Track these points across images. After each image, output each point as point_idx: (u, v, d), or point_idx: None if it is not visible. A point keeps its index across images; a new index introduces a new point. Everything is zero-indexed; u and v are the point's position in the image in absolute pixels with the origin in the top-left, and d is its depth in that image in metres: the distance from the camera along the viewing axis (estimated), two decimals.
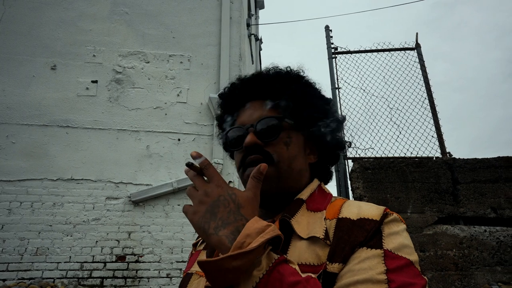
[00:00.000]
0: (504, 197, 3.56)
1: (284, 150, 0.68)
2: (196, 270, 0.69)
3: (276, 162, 0.67)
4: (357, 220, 0.60)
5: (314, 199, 0.69)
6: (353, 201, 0.68)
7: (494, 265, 3.30)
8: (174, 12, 4.67)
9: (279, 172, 0.67)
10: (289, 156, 0.69)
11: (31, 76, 4.07)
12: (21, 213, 3.52)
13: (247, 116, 0.71)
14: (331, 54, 4.49)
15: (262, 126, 0.68)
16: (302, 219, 0.64)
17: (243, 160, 0.68)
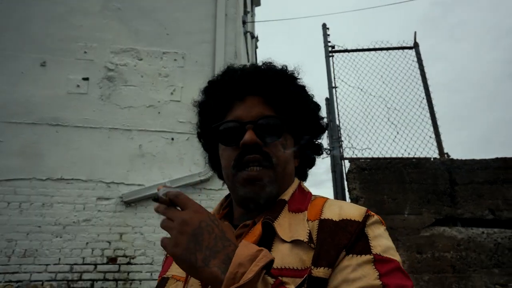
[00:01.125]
0: (502, 198, 3.52)
1: (281, 152, 0.66)
2: (173, 274, 0.67)
3: (274, 165, 0.65)
4: (339, 221, 0.59)
5: (295, 199, 0.67)
6: (334, 200, 0.67)
7: (491, 267, 3.26)
8: (168, 8, 4.58)
9: (276, 176, 0.65)
10: (285, 159, 0.67)
11: (20, 72, 3.96)
12: (9, 214, 3.42)
13: (246, 111, 0.67)
14: (328, 52, 4.42)
15: (264, 124, 0.65)
16: (284, 221, 0.62)
17: (239, 158, 0.64)
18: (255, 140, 0.63)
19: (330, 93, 4.26)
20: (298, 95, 0.71)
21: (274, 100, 0.68)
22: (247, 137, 0.63)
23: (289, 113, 0.68)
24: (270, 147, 0.65)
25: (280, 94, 0.68)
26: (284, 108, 0.68)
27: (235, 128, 0.66)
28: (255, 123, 0.65)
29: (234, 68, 0.74)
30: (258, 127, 0.65)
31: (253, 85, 0.68)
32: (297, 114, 0.70)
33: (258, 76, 0.69)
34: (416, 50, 4.40)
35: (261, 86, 0.68)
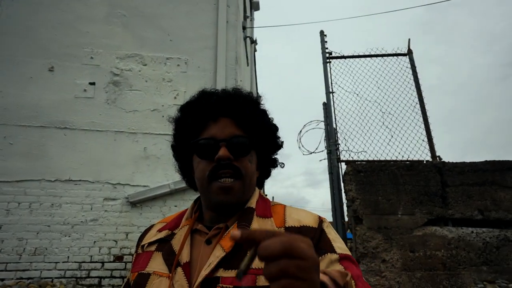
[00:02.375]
0: (491, 199, 3.70)
1: (249, 166, 0.77)
2: (154, 270, 0.73)
3: (243, 176, 0.75)
4: (300, 227, 0.73)
5: (259, 206, 0.78)
6: (291, 208, 0.80)
7: (480, 265, 3.44)
8: (171, 15, 4.73)
9: (244, 186, 0.75)
10: (251, 171, 0.78)
11: (29, 77, 4.10)
12: (19, 214, 3.56)
13: (219, 131, 0.76)
14: (325, 58, 4.60)
15: (235, 142, 0.75)
16: (255, 225, 0.73)
17: (214, 170, 0.74)
18: (228, 156, 0.74)
19: (328, 98, 4.43)
20: (262, 118, 0.82)
21: (243, 122, 0.78)
22: (221, 153, 0.73)
23: (254, 133, 0.79)
24: (240, 162, 0.75)
25: (248, 117, 0.78)
26: (251, 129, 0.79)
27: (210, 144, 0.75)
28: (228, 141, 0.75)
29: (209, 92, 0.83)
30: (230, 145, 0.75)
31: (226, 108, 0.78)
32: (261, 134, 0.81)
33: (231, 100, 0.79)
34: (409, 57, 4.59)
35: (232, 109, 0.78)
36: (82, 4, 4.57)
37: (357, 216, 3.66)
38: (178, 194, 3.89)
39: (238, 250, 0.68)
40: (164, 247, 0.77)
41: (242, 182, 0.75)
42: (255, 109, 0.81)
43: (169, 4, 4.78)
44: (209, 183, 0.74)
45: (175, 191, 3.87)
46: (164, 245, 0.77)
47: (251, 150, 0.78)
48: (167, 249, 0.76)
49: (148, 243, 0.80)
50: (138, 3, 4.71)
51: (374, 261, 3.53)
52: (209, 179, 0.74)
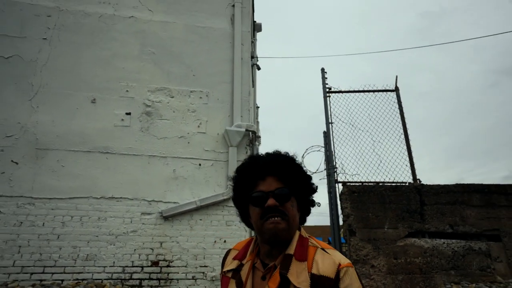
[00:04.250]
0: (459, 216, 4.53)
1: (291, 210, 1.00)
2: None
3: (288, 218, 0.98)
4: (319, 276, 0.92)
5: (298, 250, 0.98)
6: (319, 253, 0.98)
7: (449, 269, 4.26)
8: (194, 53, 5.49)
9: (288, 224, 0.98)
10: (293, 214, 1.01)
11: (75, 108, 4.81)
12: (72, 226, 4.27)
13: (267, 186, 1.00)
14: (325, 93, 5.40)
15: (280, 193, 0.99)
16: (293, 270, 0.93)
17: (265, 214, 0.97)
18: (274, 203, 0.97)
19: (327, 127, 5.23)
20: (298, 173, 1.06)
21: (284, 178, 1.02)
22: (269, 202, 0.97)
23: (293, 185, 1.02)
24: (284, 207, 0.98)
25: (287, 173, 1.02)
26: (290, 182, 1.02)
27: (261, 196, 0.99)
28: (273, 193, 0.99)
29: (257, 157, 1.10)
30: (275, 195, 0.98)
31: (270, 169, 1.03)
32: (298, 185, 1.04)
33: (273, 163, 1.04)
34: (396, 93, 5.42)
35: (275, 169, 1.02)
36: (118, 43, 5.30)
37: (351, 229, 4.44)
38: (202, 210, 4.64)
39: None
40: (236, 276, 1.03)
41: (287, 221, 0.98)
42: (292, 166, 1.05)
43: (192, 43, 5.54)
44: (262, 224, 0.98)
45: (200, 207, 4.62)
46: (236, 274, 1.03)
47: (291, 197, 1.01)
48: (238, 279, 1.02)
49: (226, 270, 1.08)
50: (166, 42, 5.46)
51: (365, 266, 4.32)
52: (261, 220, 0.98)
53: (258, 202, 0.99)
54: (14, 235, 4.11)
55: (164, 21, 5.61)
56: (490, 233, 4.49)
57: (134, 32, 5.43)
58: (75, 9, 5.35)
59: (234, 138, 4.95)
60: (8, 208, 4.20)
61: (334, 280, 0.91)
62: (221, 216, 4.68)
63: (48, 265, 4.06)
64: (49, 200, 4.33)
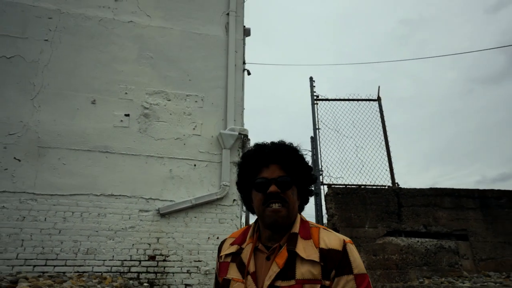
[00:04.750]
0: (432, 217, 4.99)
1: (291, 197, 1.05)
2: (233, 277, 1.03)
3: (288, 204, 1.04)
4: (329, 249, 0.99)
5: (301, 230, 1.05)
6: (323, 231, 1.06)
7: (422, 265, 4.71)
8: (190, 58, 5.76)
9: (288, 211, 1.04)
10: (293, 201, 1.06)
11: (76, 108, 5.01)
12: (73, 221, 4.48)
13: (270, 173, 1.06)
14: (313, 101, 5.79)
15: (282, 181, 1.05)
16: (300, 246, 1.00)
17: (266, 200, 1.03)
18: (276, 190, 1.03)
19: (314, 133, 5.61)
20: (300, 163, 1.11)
21: (286, 166, 1.07)
22: (271, 189, 1.03)
23: (295, 174, 1.08)
24: (285, 194, 1.04)
25: (289, 163, 1.08)
26: (293, 171, 1.07)
27: (264, 182, 1.05)
28: (276, 180, 1.04)
29: (262, 145, 1.14)
30: (277, 183, 1.04)
31: (274, 157, 1.08)
32: (299, 174, 1.09)
33: (277, 151, 1.09)
34: (379, 103, 5.86)
35: (279, 158, 1.08)
36: (117, 46, 5.51)
37: (335, 228, 4.82)
38: (197, 208, 4.93)
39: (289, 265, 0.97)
40: (236, 259, 1.07)
41: (287, 208, 1.03)
42: (295, 156, 1.11)
43: (188, 49, 5.81)
44: (263, 209, 1.04)
45: (195, 205, 4.90)
46: (236, 258, 1.07)
47: (292, 186, 1.06)
48: (239, 261, 1.05)
49: (225, 255, 1.12)
50: (163, 47, 5.71)
51: None
52: (263, 206, 1.04)
53: (261, 188, 1.05)
54: (17, 229, 4.30)
55: (161, 26, 5.86)
56: (459, 233, 4.97)
57: (133, 37, 5.65)
58: (76, 12, 5.53)
59: (228, 141, 5.26)
60: (11, 204, 4.38)
61: (342, 252, 0.98)
62: (215, 214, 4.98)
63: (50, 258, 4.27)
64: (50, 196, 4.53)
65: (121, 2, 5.83)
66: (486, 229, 5.00)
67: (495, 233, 4.98)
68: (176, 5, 6.07)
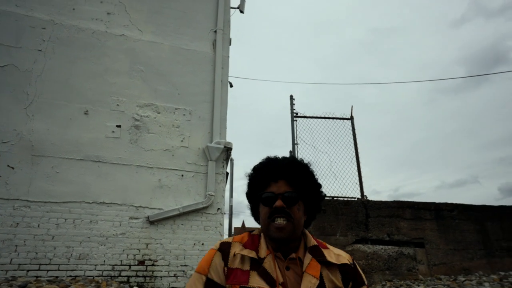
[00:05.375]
0: (395, 227, 5.63)
1: (297, 212, 1.09)
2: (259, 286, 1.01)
3: (293, 219, 1.07)
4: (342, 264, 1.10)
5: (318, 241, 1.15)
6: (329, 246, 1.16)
7: (385, 270, 5.33)
8: (179, 73, 6.10)
9: (293, 226, 1.07)
10: (299, 217, 1.09)
11: (69, 118, 5.21)
12: (66, 227, 4.71)
13: (277, 188, 1.10)
14: (293, 118, 6.30)
15: (287, 196, 1.08)
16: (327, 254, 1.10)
17: (272, 214, 1.07)
18: (282, 205, 1.06)
19: (293, 148, 6.12)
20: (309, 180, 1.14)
21: (294, 183, 1.11)
22: (277, 203, 1.06)
23: (302, 190, 1.11)
24: (290, 209, 1.07)
25: (297, 180, 1.11)
26: (300, 188, 1.11)
27: (271, 197, 1.09)
28: (282, 195, 1.08)
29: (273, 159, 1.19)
30: (283, 198, 1.08)
31: (283, 173, 1.12)
32: (307, 191, 1.13)
33: (286, 167, 1.13)
34: (351, 121, 6.46)
35: (287, 174, 1.12)
36: (110, 59, 5.76)
37: None
38: (184, 216, 5.28)
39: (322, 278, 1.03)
40: (258, 269, 1.04)
41: (292, 223, 1.05)
42: (303, 173, 1.13)
43: (177, 64, 6.14)
44: (268, 223, 1.06)
45: (182, 213, 5.25)
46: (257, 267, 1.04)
47: (298, 201, 1.09)
48: (261, 270, 1.03)
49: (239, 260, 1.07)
50: (154, 61, 6.01)
51: None
52: (268, 219, 1.06)
53: (267, 202, 1.09)
54: (11, 235, 4.47)
55: (152, 41, 6.16)
56: (417, 241, 5.64)
57: (125, 50, 5.91)
58: (69, 23, 5.72)
59: (214, 153, 5.65)
60: (5, 210, 4.54)
61: (353, 266, 1.12)
62: (200, 222, 5.36)
63: (44, 263, 4.48)
64: (44, 203, 4.72)
65: (114, 15, 6.07)
66: (439, 238, 5.70)
67: (447, 241, 5.70)
68: (166, 21, 6.38)
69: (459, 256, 5.63)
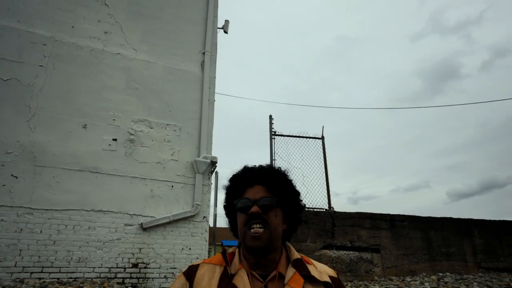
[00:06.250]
0: (356, 235, 6.55)
1: (273, 219, 1.05)
2: None
3: (269, 226, 1.03)
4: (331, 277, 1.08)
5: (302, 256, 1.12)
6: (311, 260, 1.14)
7: (347, 272, 6.21)
8: (171, 92, 6.66)
9: (270, 233, 1.03)
10: (276, 223, 1.05)
11: (69, 132, 5.62)
12: (67, 233, 5.14)
13: (253, 194, 1.08)
14: (271, 136, 7.05)
15: (264, 202, 1.05)
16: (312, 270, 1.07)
17: (248, 221, 1.03)
18: (258, 211, 1.03)
19: (271, 163, 6.86)
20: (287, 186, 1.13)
21: (270, 187, 1.09)
22: (253, 209, 1.03)
23: (280, 196, 1.08)
24: (267, 215, 1.03)
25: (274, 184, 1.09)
26: (277, 193, 1.08)
27: (247, 203, 1.06)
28: (258, 201, 1.05)
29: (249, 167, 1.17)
30: (260, 204, 1.04)
31: (259, 178, 1.11)
32: (285, 197, 1.10)
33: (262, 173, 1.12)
34: (322, 141, 7.34)
35: (263, 179, 1.10)
36: (107, 76, 6.21)
37: None
38: (174, 223, 5.86)
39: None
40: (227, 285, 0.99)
41: (269, 230, 1.02)
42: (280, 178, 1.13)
43: (169, 83, 6.70)
44: (245, 231, 1.03)
45: (172, 221, 5.83)
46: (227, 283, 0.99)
47: (275, 207, 1.06)
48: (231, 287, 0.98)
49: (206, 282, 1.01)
50: (148, 80, 6.53)
51: None
52: (245, 227, 1.03)
53: (243, 209, 1.06)
54: (15, 240, 4.85)
55: (146, 60, 6.67)
56: (374, 247, 6.60)
57: (121, 68, 6.39)
58: (69, 41, 6.11)
59: (201, 167, 6.28)
60: (9, 217, 4.90)
61: (338, 279, 1.10)
62: (188, 228, 5.96)
63: (46, 266, 4.89)
64: (46, 210, 5.13)
65: (110, 34, 6.52)
66: (392, 244, 6.70)
67: (398, 247, 6.70)
68: (159, 41, 6.92)
69: (407, 260, 6.65)
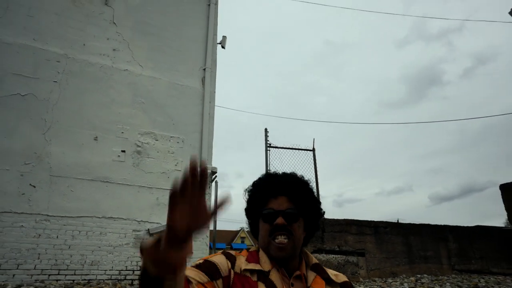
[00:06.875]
0: (344, 240, 7.16)
1: (297, 230, 1.10)
2: None
3: (293, 237, 1.08)
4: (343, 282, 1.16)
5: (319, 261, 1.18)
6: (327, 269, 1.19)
7: None
8: (174, 106, 7.15)
9: (294, 243, 1.08)
10: (299, 234, 1.11)
11: (81, 144, 6.06)
12: (80, 238, 5.57)
13: (278, 205, 1.10)
14: (266, 148, 7.60)
15: (288, 214, 1.09)
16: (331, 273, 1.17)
17: (273, 232, 1.08)
18: (283, 222, 1.06)
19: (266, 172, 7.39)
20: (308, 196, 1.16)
21: (294, 199, 1.11)
22: (278, 221, 1.07)
23: (303, 207, 1.12)
24: (291, 226, 1.07)
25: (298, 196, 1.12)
26: (300, 204, 1.11)
27: (272, 214, 1.09)
28: (283, 212, 1.08)
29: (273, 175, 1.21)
30: (284, 215, 1.08)
31: (283, 189, 1.12)
32: (307, 208, 1.14)
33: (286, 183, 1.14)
34: (313, 153, 7.93)
35: (287, 190, 1.12)
36: (115, 91, 6.66)
37: None
38: None
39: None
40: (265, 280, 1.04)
41: (292, 241, 1.07)
42: (304, 189, 1.16)
43: (173, 98, 7.19)
44: (269, 241, 1.07)
45: None
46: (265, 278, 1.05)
47: (299, 218, 1.10)
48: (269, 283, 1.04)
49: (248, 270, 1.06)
50: (153, 95, 7.01)
51: None
52: (269, 237, 1.08)
53: (268, 219, 1.09)
54: (34, 245, 5.25)
55: (152, 76, 7.15)
56: (360, 251, 7.21)
57: (128, 83, 6.85)
58: (80, 58, 6.54)
59: None
60: (29, 223, 5.31)
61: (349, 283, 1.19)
62: None
63: (62, 269, 5.32)
64: (61, 217, 5.55)
65: (118, 51, 6.97)
66: (376, 249, 7.33)
67: (381, 251, 7.34)
68: (163, 58, 7.40)
69: (389, 263, 7.29)
